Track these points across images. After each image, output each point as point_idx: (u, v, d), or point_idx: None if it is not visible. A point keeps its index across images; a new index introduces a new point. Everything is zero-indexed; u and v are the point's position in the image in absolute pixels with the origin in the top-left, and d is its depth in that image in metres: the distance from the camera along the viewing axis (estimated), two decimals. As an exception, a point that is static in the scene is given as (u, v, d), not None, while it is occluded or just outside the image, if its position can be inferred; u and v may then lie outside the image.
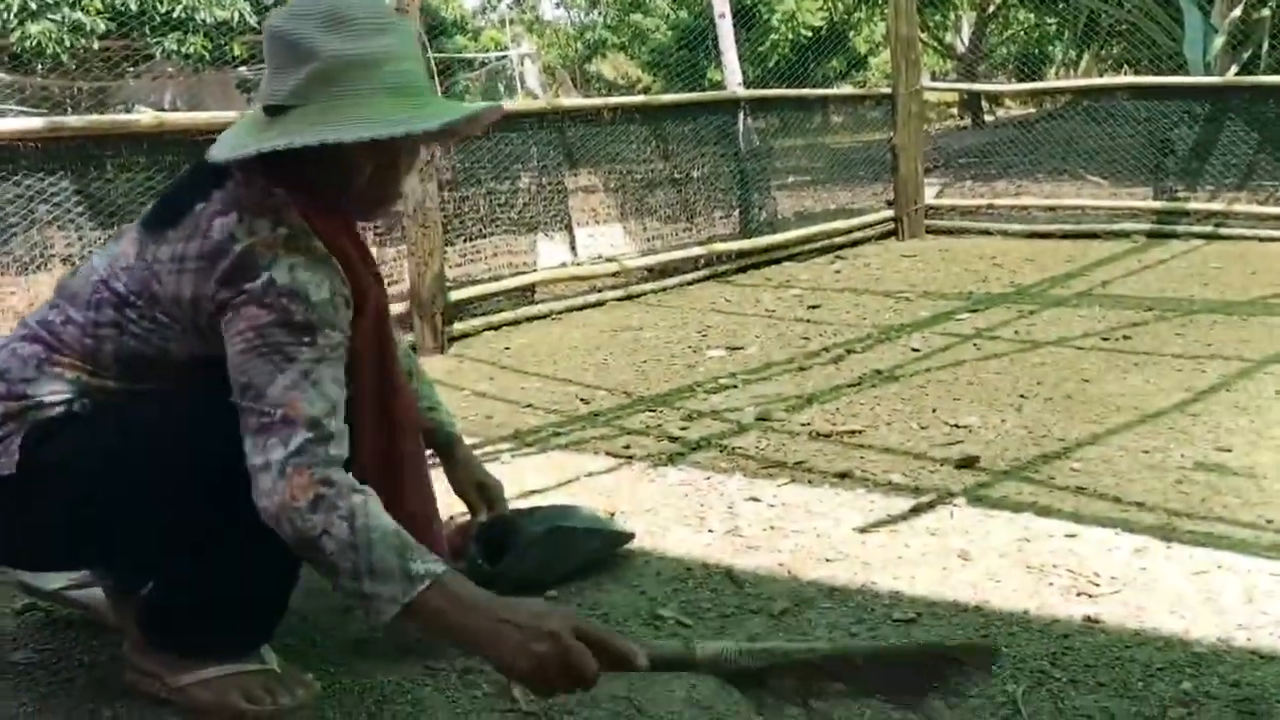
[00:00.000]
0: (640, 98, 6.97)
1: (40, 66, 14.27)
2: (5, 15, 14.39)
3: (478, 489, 2.18)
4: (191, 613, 1.71)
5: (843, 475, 2.75)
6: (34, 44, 14.25)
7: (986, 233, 7.13)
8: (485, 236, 5.23)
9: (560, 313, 5.29)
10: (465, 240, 5.13)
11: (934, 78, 18.57)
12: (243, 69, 14.31)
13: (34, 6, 14.39)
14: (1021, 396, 3.37)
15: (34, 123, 3.96)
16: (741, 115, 6.54)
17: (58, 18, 14.33)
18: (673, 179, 6.19)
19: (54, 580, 2.07)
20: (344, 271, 1.66)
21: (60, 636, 2.04)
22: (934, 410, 3.28)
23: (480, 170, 5.17)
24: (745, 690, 1.52)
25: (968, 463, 2.77)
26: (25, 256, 3.72)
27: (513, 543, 2.11)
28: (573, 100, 6.62)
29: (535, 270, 5.43)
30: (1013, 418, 3.16)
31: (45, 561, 1.86)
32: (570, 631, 1.42)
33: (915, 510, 2.48)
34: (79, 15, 14.56)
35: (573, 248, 5.68)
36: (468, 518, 2.21)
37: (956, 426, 3.10)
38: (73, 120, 4.08)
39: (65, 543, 1.71)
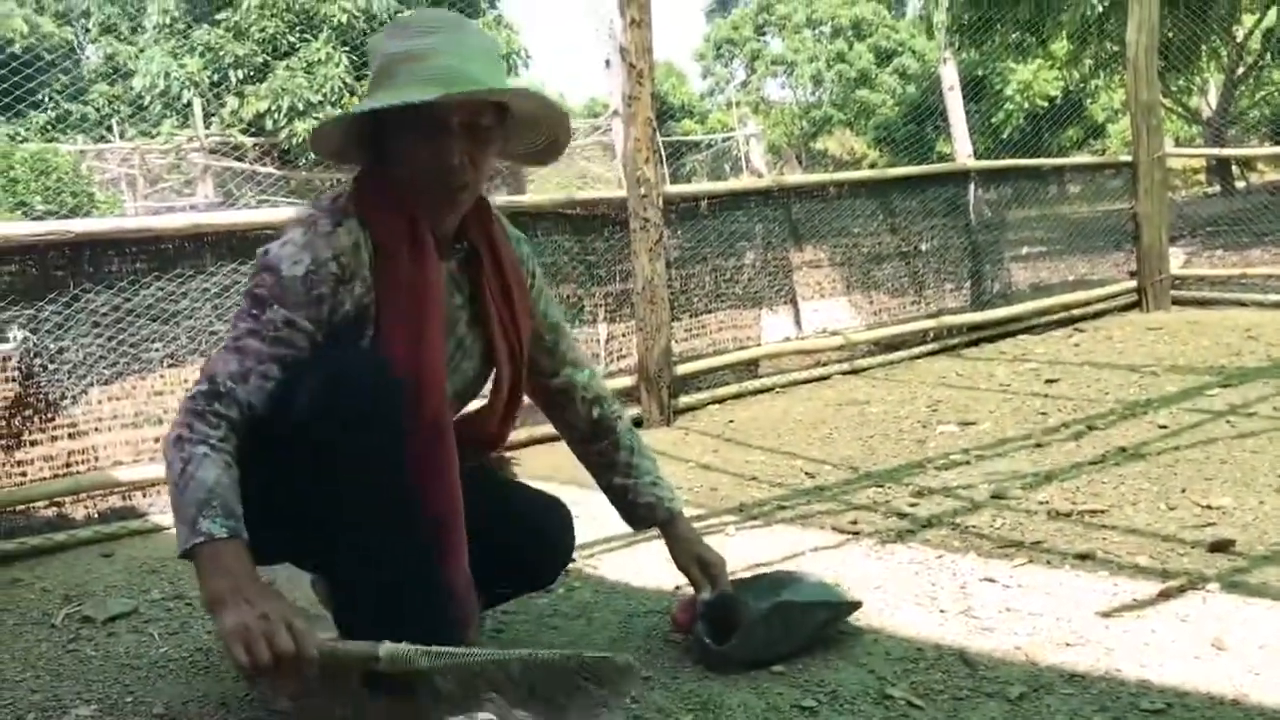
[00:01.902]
0: (866, 172, 6.94)
1: (304, 161, 15.52)
2: (276, 115, 15.79)
3: (699, 564, 2.21)
4: None
5: (1084, 557, 2.62)
6: (300, 141, 15.53)
7: (1240, 304, 6.72)
8: (710, 312, 5.32)
9: (784, 386, 5.30)
10: (690, 316, 5.23)
11: (1178, 144, 17.70)
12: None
13: (300, 107, 15.73)
14: (1283, 477, 3.13)
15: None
16: (972, 187, 6.43)
17: (321, 115, 15.57)
18: (900, 252, 6.14)
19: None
20: (378, 254, 1.84)
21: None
22: (1183, 490, 3.09)
23: (706, 248, 5.27)
24: (420, 689, 1.67)
25: (1222, 546, 2.59)
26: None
27: (737, 622, 2.11)
28: (797, 177, 6.67)
29: (759, 344, 5.47)
30: (1272, 499, 2.94)
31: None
32: (281, 618, 1.56)
33: (1164, 595, 2.33)
34: (341, 113, 15.75)
35: (797, 322, 5.69)
36: (692, 592, 2.24)
37: (1209, 508, 2.91)
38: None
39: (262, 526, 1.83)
